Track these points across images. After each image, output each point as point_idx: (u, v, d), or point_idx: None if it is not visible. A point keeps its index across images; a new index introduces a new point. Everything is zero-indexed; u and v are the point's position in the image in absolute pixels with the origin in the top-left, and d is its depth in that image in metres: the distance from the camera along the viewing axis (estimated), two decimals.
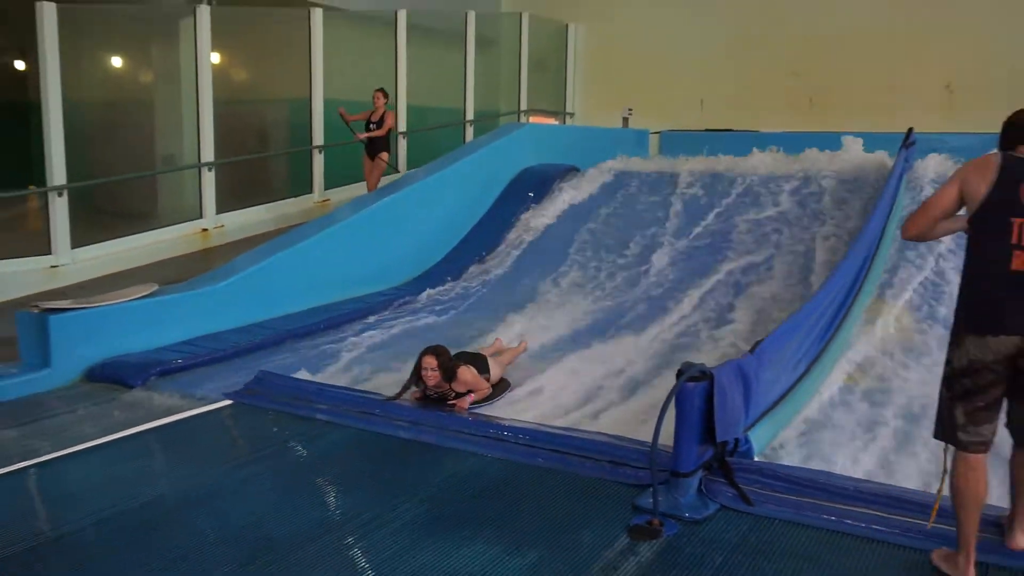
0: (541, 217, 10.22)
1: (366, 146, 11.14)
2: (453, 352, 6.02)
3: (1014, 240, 3.31)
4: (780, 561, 3.62)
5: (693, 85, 15.70)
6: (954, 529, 3.48)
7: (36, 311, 6.25)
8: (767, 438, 5.05)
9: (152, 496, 4.28)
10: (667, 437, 4.10)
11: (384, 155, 11.19)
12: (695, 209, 9.65)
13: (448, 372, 5.79)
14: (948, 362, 3.47)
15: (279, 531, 3.84)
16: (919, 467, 4.80)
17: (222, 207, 11.14)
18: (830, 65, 14.62)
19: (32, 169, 14.97)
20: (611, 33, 16.61)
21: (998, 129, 3.52)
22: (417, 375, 5.85)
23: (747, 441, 4.60)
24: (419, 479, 4.45)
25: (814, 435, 5.29)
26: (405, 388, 5.87)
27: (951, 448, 3.46)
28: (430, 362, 5.77)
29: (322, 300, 8.17)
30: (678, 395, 4.08)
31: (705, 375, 4.17)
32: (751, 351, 4.89)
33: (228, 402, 5.73)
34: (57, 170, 9.32)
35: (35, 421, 5.40)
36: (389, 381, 6.28)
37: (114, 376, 6.16)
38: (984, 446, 3.40)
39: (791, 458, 4.93)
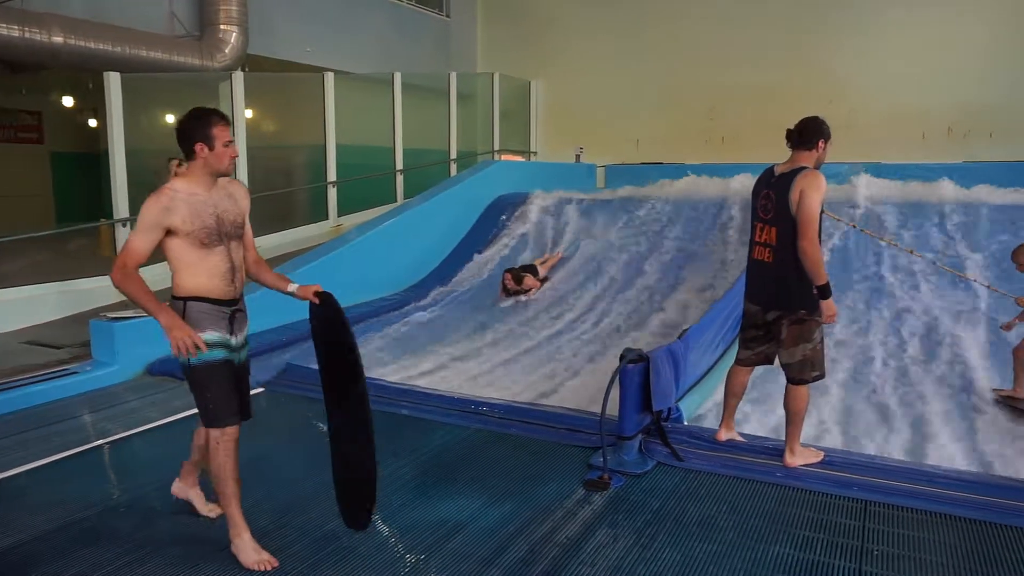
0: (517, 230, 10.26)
1: None
2: (518, 266, 8.67)
3: (755, 238, 3.90)
4: (704, 504, 3.62)
5: (630, 128, 15.71)
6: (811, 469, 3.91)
7: (105, 320, 6.15)
8: (694, 407, 5.06)
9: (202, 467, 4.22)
10: (613, 407, 4.10)
11: None
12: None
13: (517, 279, 8.34)
14: None
15: (306, 491, 3.80)
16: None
17: (256, 232, 10.88)
18: (737, 111, 14.70)
19: (103, 205, 14.82)
20: (565, 88, 16.64)
21: (860, 160, 3.87)
22: (504, 285, 8.42)
23: (678, 410, 4.60)
24: (416, 447, 4.41)
25: None
26: (504, 294, 8.40)
27: None
28: (507, 276, 8.41)
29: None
30: (621, 374, 4.07)
31: (642, 358, 4.17)
32: (679, 337, 4.90)
33: (262, 389, 5.66)
34: (122, 205, 9.19)
35: (106, 408, 5.30)
36: (392, 368, 6.23)
37: (169, 371, 6.02)
38: (743, 362, 4.13)
39: (712, 422, 4.94)
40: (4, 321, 7.64)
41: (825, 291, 3.67)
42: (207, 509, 3.49)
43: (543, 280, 8.65)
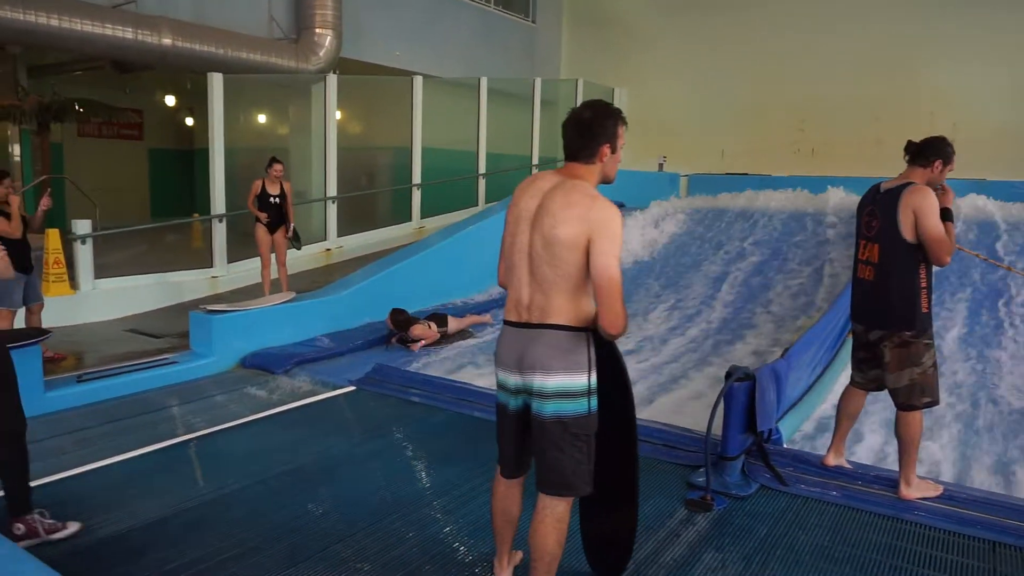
0: None
1: (269, 221, 7.96)
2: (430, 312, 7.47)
3: (858, 255, 3.80)
4: (814, 533, 3.45)
5: (714, 137, 15.42)
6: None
7: (203, 312, 6.32)
8: (793, 428, 4.85)
9: (295, 463, 4.23)
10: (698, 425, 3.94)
11: (289, 230, 8.13)
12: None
13: (400, 323, 6.92)
14: None
15: (399, 494, 3.78)
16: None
17: (342, 232, 11.24)
18: (829, 122, 14.25)
19: (194, 202, 15.35)
20: (648, 96, 16.43)
21: (963, 177, 3.77)
22: (388, 328, 7.02)
23: (778, 431, 4.42)
24: None
25: (829, 426, 5.06)
26: (388, 338, 7.00)
27: None
28: (388, 318, 6.97)
29: (422, 305, 8.10)
30: (727, 393, 3.92)
31: (749, 376, 4.01)
32: (782, 355, 4.71)
33: (352, 388, 5.70)
34: (219, 202, 9.47)
35: (200, 399, 5.42)
36: (474, 373, 6.19)
37: (261, 365, 6.17)
38: (858, 385, 3.92)
39: (810, 445, 4.73)
40: (108, 309, 7.97)
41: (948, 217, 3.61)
42: None
43: (448, 334, 7.22)
